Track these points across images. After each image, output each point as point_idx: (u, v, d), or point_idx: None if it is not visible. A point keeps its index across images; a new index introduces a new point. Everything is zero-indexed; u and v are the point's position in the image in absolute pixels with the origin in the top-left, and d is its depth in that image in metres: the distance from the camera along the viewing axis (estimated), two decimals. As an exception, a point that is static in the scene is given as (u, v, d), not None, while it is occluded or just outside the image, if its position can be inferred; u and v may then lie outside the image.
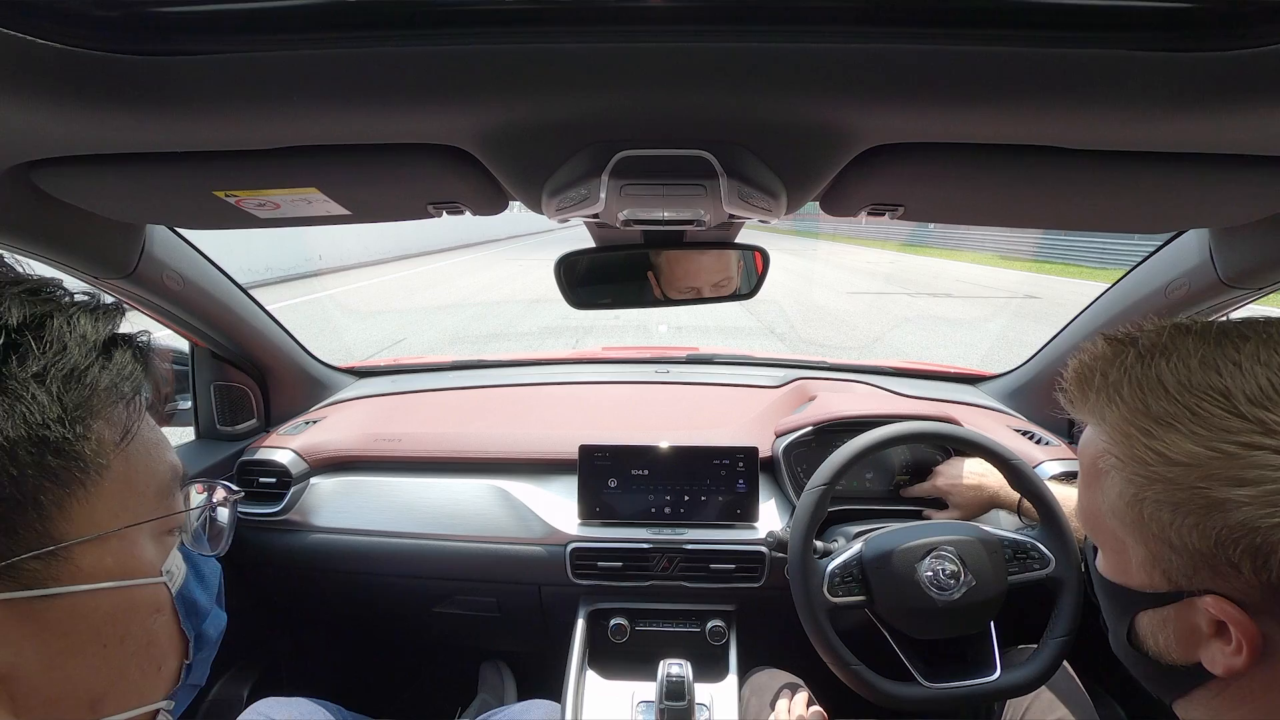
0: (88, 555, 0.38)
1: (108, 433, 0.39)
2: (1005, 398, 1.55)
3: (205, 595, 0.49)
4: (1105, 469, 0.47)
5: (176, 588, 0.45)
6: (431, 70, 0.42)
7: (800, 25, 0.39)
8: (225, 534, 0.53)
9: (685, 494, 1.23)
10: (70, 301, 0.41)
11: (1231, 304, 0.99)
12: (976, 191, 0.65)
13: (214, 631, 0.50)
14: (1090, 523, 0.53)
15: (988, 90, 0.43)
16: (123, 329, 0.44)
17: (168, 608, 0.45)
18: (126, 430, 0.41)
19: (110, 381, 0.40)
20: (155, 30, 0.39)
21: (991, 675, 0.94)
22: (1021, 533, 1.01)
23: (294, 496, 1.30)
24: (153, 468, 0.43)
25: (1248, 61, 0.38)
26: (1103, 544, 0.52)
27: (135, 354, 0.43)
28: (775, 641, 1.17)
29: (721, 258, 1.00)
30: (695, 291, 1.03)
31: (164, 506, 0.44)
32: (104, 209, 0.74)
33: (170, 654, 0.46)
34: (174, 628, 0.45)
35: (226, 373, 1.36)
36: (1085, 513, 0.53)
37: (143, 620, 0.42)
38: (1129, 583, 0.49)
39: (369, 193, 0.67)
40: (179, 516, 0.46)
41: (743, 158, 0.54)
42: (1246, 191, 0.62)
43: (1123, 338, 0.49)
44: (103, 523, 0.39)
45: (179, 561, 0.46)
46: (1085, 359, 0.50)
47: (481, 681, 1.58)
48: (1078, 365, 0.51)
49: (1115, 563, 0.51)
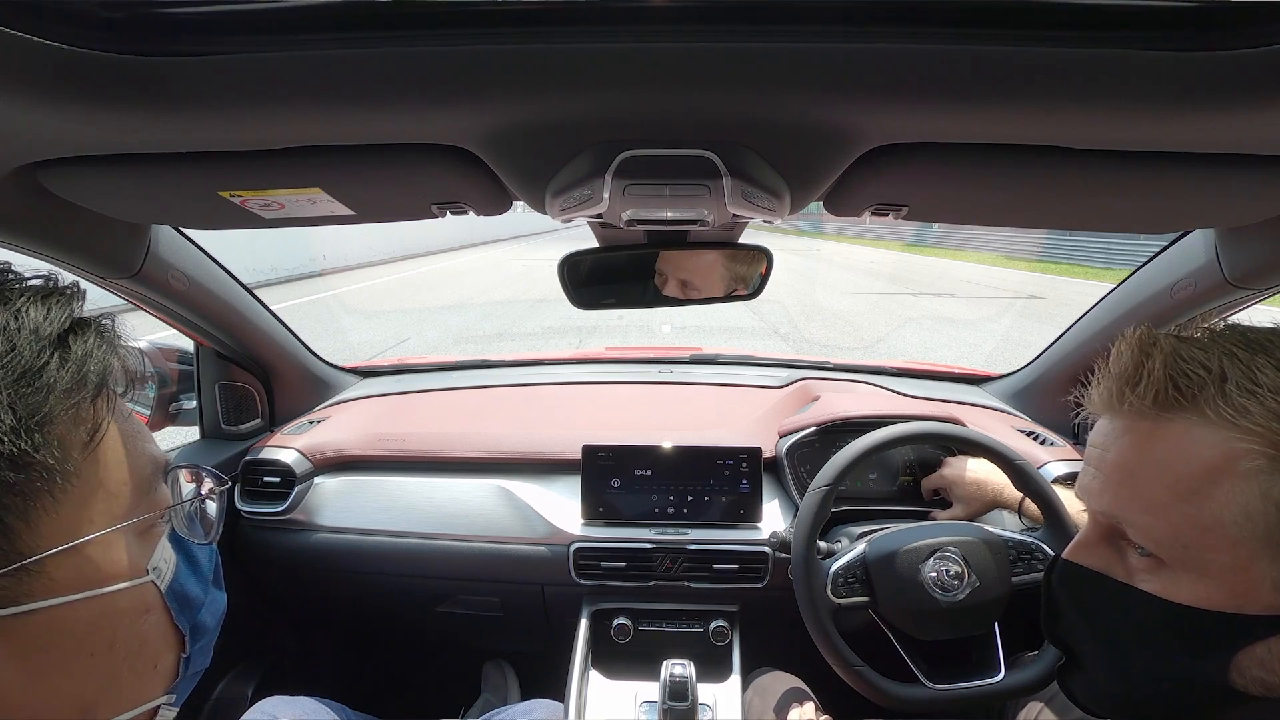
0: (62, 566, 0.35)
1: (73, 435, 0.36)
2: (1010, 398, 1.55)
3: (199, 584, 0.46)
4: (1242, 473, 0.40)
5: (166, 583, 0.42)
6: (435, 71, 0.42)
7: (804, 25, 0.39)
8: (215, 524, 0.50)
9: (688, 494, 1.22)
10: (19, 288, 0.37)
11: (1237, 304, 0.99)
12: (981, 191, 0.65)
13: (211, 619, 0.48)
14: (1187, 542, 0.44)
15: (992, 90, 0.43)
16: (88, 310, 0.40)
17: (158, 606, 0.42)
18: (95, 429, 0.37)
19: (70, 379, 0.36)
20: (160, 31, 0.39)
21: (996, 676, 0.94)
22: (1025, 534, 1.01)
23: (298, 496, 1.30)
24: (129, 463, 0.40)
25: (1254, 61, 0.38)
26: (1204, 567, 0.43)
27: (99, 339, 0.39)
28: (778, 642, 1.17)
29: (725, 258, 1.00)
30: (698, 292, 1.03)
31: (145, 503, 0.41)
32: (109, 209, 0.74)
33: (165, 651, 0.43)
34: (167, 624, 0.43)
35: (231, 372, 1.37)
36: (1180, 531, 0.44)
37: (131, 623, 0.40)
38: (1248, 608, 0.42)
39: (373, 193, 0.67)
40: (163, 505, 0.44)
41: (746, 158, 0.54)
42: (1252, 191, 0.61)
43: (1205, 333, 0.44)
44: (75, 531, 0.36)
45: (168, 553, 0.44)
46: (1182, 353, 0.44)
47: (485, 680, 1.58)
48: (1172, 362, 0.44)
49: (1228, 586, 0.42)
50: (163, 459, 0.44)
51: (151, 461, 0.43)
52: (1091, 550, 0.51)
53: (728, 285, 1.02)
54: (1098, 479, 0.49)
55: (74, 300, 0.39)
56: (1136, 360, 0.46)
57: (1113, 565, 0.50)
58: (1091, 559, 0.51)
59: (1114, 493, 0.48)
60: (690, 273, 1.01)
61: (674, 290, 1.01)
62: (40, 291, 0.38)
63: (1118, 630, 0.49)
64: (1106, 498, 0.49)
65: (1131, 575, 0.48)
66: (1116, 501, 0.48)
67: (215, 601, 0.49)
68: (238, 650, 1.41)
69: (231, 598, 0.53)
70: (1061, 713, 0.97)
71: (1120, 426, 0.47)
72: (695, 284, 1.02)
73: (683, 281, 1.01)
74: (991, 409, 1.49)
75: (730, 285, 1.02)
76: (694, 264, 1.00)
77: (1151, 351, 0.45)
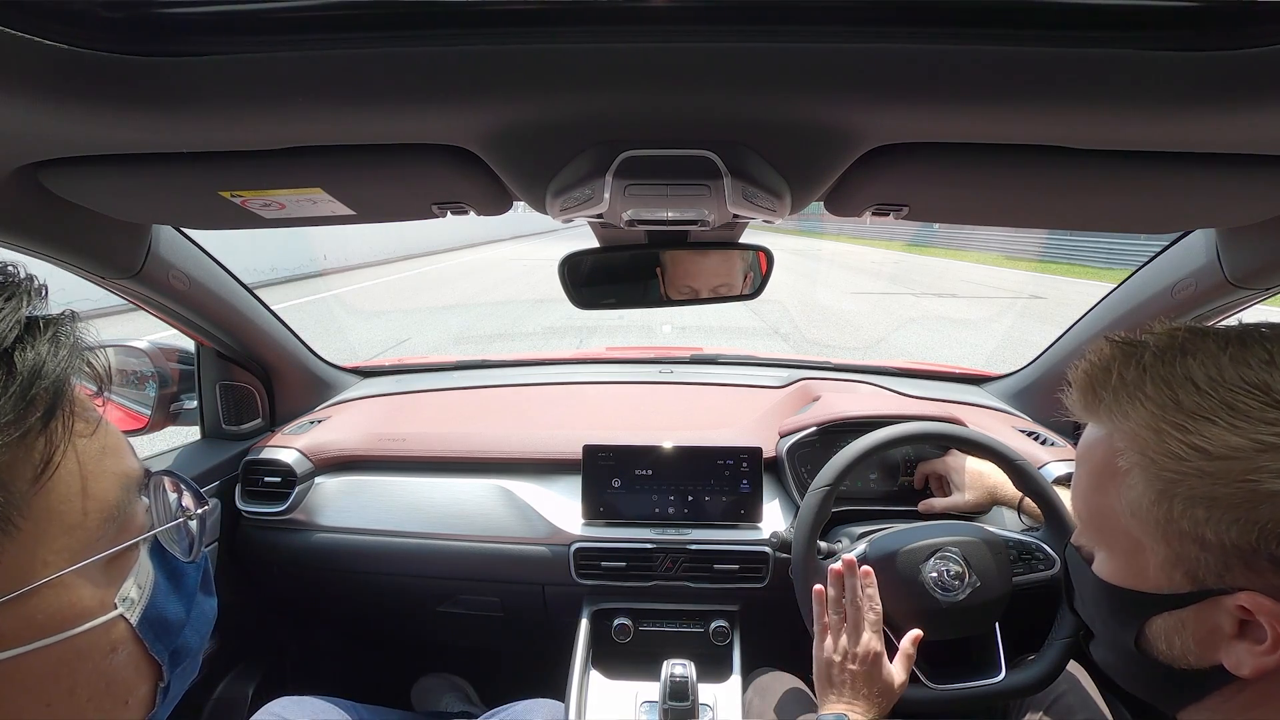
0: (10, 617, 0.30)
1: (18, 469, 0.30)
2: (1010, 398, 1.55)
3: (181, 602, 0.41)
4: (1125, 468, 0.46)
5: (139, 614, 0.37)
6: (436, 71, 0.42)
7: (804, 25, 0.39)
8: (196, 543, 0.45)
9: (689, 494, 1.22)
10: None
11: (1239, 304, 0.99)
12: (981, 191, 0.65)
13: (197, 637, 0.43)
14: (1097, 526, 0.51)
15: (993, 90, 0.43)
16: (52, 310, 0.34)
17: (127, 640, 0.37)
18: (46, 459, 0.31)
19: (14, 406, 0.30)
20: (161, 31, 0.39)
21: (997, 676, 0.94)
22: (1026, 533, 1.01)
23: (298, 496, 1.30)
24: (92, 490, 0.34)
25: (1255, 60, 0.38)
26: (1111, 547, 0.51)
27: (53, 346, 0.32)
28: (779, 642, 1.17)
29: (726, 258, 1.00)
30: (699, 292, 1.03)
31: (114, 529, 0.36)
32: (110, 209, 0.74)
33: (139, 683, 0.38)
34: (140, 656, 0.38)
35: (232, 372, 1.37)
36: (1093, 516, 0.52)
37: (96, 664, 0.35)
38: (1143, 586, 0.48)
39: (374, 193, 0.67)
40: (139, 523, 0.38)
41: (747, 158, 0.54)
42: (1254, 191, 0.61)
43: (1132, 340, 0.48)
44: (24, 576, 0.31)
45: (144, 574, 0.38)
46: (1095, 360, 0.50)
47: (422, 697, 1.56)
48: (1088, 368, 0.50)
49: (1127, 566, 0.49)
50: (138, 473, 0.39)
51: (122, 480, 0.37)
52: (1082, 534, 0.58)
53: (728, 285, 1.02)
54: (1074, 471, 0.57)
55: (25, 300, 0.33)
56: (1083, 366, 0.51)
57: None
58: (1082, 541, 0.57)
59: (1074, 482, 0.55)
60: (691, 273, 1.01)
61: (674, 290, 1.01)
62: None
63: (1088, 603, 0.57)
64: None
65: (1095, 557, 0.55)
66: (1074, 489, 0.55)
67: (202, 615, 0.44)
68: (238, 650, 1.41)
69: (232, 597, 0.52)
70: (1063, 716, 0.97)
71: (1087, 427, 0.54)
72: (696, 284, 1.02)
73: (683, 282, 1.01)
74: (992, 409, 1.49)
75: (731, 285, 1.02)
76: (694, 264, 1.00)
77: (1090, 357, 0.51)
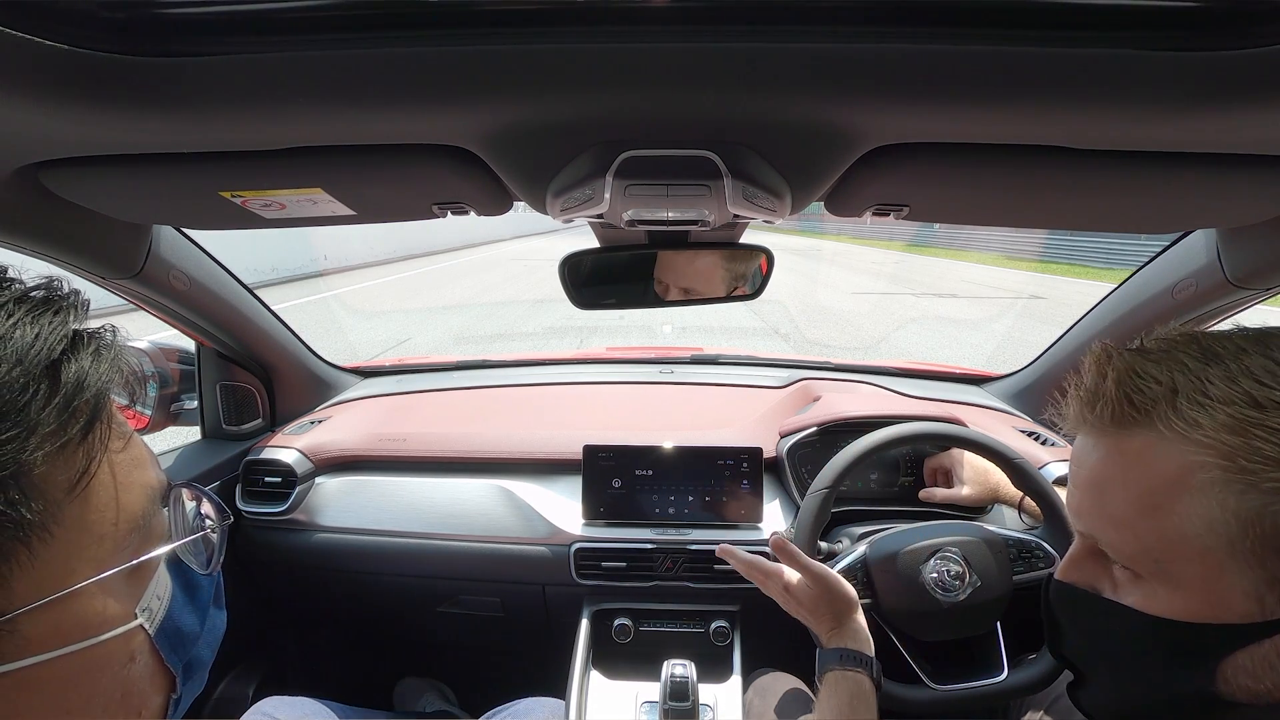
0: (37, 623, 0.31)
1: (56, 479, 0.31)
2: (1011, 398, 1.55)
3: (196, 614, 0.42)
4: (1199, 485, 0.40)
5: (157, 624, 0.38)
6: (436, 71, 0.42)
7: (804, 25, 0.39)
8: (217, 554, 0.45)
9: (689, 494, 1.22)
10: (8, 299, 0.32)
11: (1239, 304, 0.99)
12: (982, 192, 0.65)
13: (209, 649, 0.44)
14: (1156, 556, 0.44)
15: (993, 90, 0.43)
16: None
17: (145, 650, 0.37)
18: (85, 470, 0.32)
19: (57, 417, 0.30)
20: (162, 32, 0.39)
21: (999, 676, 0.94)
22: (1026, 533, 1.01)
23: (299, 496, 1.30)
24: (122, 500, 0.35)
25: (1255, 60, 0.38)
26: (1177, 578, 0.43)
27: (95, 358, 0.33)
28: (779, 643, 1.17)
29: (726, 258, 1.00)
30: (699, 292, 1.03)
31: (138, 540, 0.37)
32: (111, 209, 0.75)
33: (153, 694, 0.39)
34: (155, 667, 0.39)
35: (232, 372, 1.37)
36: (1148, 546, 0.44)
37: (115, 673, 0.35)
38: (1225, 617, 0.41)
39: (374, 193, 0.67)
40: (160, 534, 0.39)
41: (747, 158, 0.54)
42: (1254, 191, 0.61)
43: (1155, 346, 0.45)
44: (54, 583, 0.31)
45: (163, 586, 0.39)
46: (1136, 369, 0.44)
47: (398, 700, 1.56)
48: (1117, 378, 0.44)
49: (1203, 596, 0.42)
50: (161, 484, 0.40)
51: (149, 492, 0.38)
52: (1079, 567, 0.52)
53: (729, 285, 1.02)
54: (1074, 496, 0.50)
55: (71, 314, 0.34)
56: (1094, 379, 0.46)
57: (1100, 580, 0.51)
58: (1080, 575, 0.52)
59: (1087, 510, 0.48)
60: (691, 273, 1.01)
61: (675, 290, 1.01)
62: (34, 305, 0.32)
63: (1109, 645, 0.50)
64: (1082, 515, 0.49)
65: (1117, 590, 0.49)
66: (1089, 518, 0.48)
67: (214, 628, 0.45)
68: (238, 650, 1.41)
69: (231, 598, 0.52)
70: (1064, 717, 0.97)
71: (1089, 444, 0.48)
72: (696, 284, 1.02)
73: (683, 282, 1.01)
74: (993, 409, 1.49)
75: (731, 285, 1.02)
76: (695, 264, 1.00)
77: (1107, 370, 0.46)
